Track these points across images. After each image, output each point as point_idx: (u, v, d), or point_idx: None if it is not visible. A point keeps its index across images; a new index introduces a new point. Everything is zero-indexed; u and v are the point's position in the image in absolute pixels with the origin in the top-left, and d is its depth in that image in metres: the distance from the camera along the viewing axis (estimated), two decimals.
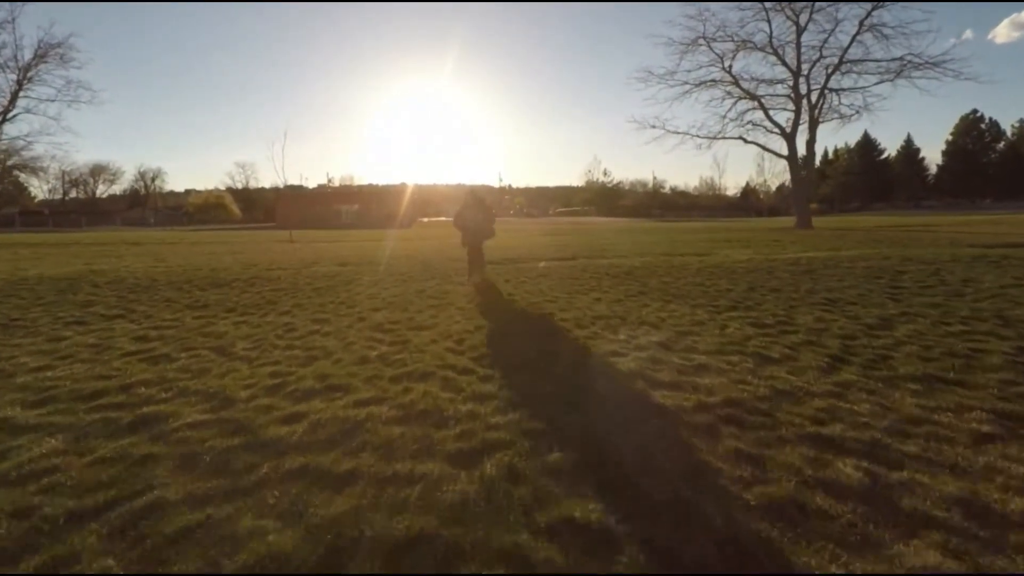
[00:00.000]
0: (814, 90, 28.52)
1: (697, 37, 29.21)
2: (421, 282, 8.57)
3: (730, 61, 29.51)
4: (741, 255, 12.61)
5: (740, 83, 29.54)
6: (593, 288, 7.69)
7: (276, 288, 8.21)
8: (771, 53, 28.77)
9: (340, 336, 4.89)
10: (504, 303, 6.54)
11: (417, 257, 13.05)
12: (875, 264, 10.13)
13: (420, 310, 6.17)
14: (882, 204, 72.05)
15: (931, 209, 63.50)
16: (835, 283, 7.69)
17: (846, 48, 27.34)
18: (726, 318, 5.24)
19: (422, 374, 3.61)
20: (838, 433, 2.42)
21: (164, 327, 5.44)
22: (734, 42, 29.09)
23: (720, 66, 29.65)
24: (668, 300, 6.45)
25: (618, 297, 6.82)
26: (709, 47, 29.46)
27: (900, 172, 76.61)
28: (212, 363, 4.02)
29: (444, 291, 7.55)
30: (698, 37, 29.22)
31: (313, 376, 3.60)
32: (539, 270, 9.93)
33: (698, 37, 29.22)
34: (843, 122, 29.49)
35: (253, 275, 9.79)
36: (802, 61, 28.27)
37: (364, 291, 7.74)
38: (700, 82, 30.06)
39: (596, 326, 5.01)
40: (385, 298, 7.09)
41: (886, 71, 26.77)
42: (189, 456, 2.39)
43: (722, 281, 8.18)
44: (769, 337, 4.40)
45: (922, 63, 26.25)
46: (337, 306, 6.56)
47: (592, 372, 3.52)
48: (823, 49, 27.93)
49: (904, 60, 26.51)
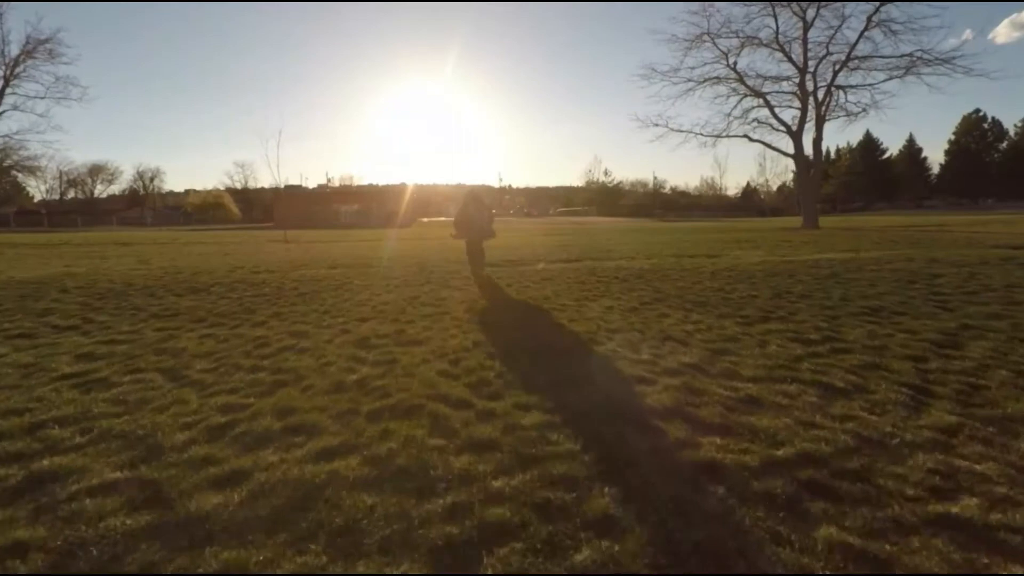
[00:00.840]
0: (821, 87, 27.84)
1: (701, 33, 28.53)
2: (416, 287, 7.89)
3: (735, 58, 28.84)
4: (754, 256, 11.94)
5: (745, 80, 28.87)
6: (603, 294, 7.01)
7: (257, 294, 7.52)
8: (777, 49, 28.09)
9: (317, 353, 4.20)
10: (507, 312, 5.85)
11: (414, 259, 12.36)
12: (901, 267, 9.46)
13: (412, 320, 5.49)
14: (884, 204, 71.37)
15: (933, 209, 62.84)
16: (867, 288, 7.01)
17: (854, 44, 26.65)
18: (761, 332, 4.56)
19: (407, 408, 2.92)
20: (977, 516, 1.74)
21: (118, 342, 4.75)
22: (739, 38, 28.42)
23: (725, 63, 28.97)
24: (689, 309, 5.77)
25: (632, 305, 6.13)
26: (714, 43, 28.78)
27: (902, 172, 75.97)
28: (155, 391, 3.33)
29: (440, 298, 6.86)
30: (702, 33, 28.53)
31: (273, 411, 2.92)
32: (541, 273, 9.25)
33: (702, 33, 28.53)
34: (850, 120, 28.78)
35: (236, 279, 9.10)
36: (809, 58, 27.58)
37: (353, 297, 7.06)
38: (704, 79, 29.37)
39: (614, 342, 4.32)
40: (375, 306, 6.41)
41: (895, 68, 26.10)
42: (69, 549, 1.70)
43: (742, 286, 7.50)
44: (821, 358, 3.71)
45: (932, 59, 25.61)
46: (320, 315, 5.88)
47: (619, 409, 2.83)
48: (830, 45, 27.24)
49: (913, 56, 25.85)
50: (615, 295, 6.90)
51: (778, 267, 9.72)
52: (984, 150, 72.81)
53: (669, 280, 8.24)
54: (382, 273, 9.60)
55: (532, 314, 5.73)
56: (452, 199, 77.49)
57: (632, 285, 7.73)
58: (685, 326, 4.88)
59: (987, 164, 71.05)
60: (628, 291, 7.20)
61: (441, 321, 5.41)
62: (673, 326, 4.88)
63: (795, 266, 9.84)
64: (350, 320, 5.58)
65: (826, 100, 27.76)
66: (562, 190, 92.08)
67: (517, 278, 8.85)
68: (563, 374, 3.44)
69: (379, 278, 8.97)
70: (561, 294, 6.99)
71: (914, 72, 25.83)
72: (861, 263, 10.07)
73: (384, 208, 50.13)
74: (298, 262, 12.04)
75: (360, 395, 3.18)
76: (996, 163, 71.01)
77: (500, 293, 7.28)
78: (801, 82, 27.77)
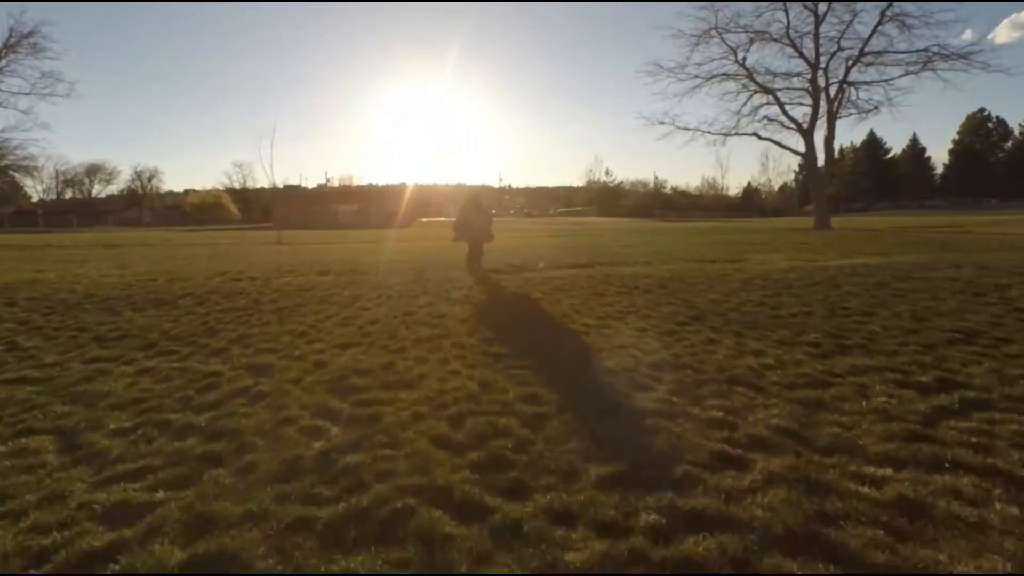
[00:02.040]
0: (833, 84, 26.93)
1: (709, 29, 27.59)
2: (411, 299, 6.89)
3: (744, 53, 27.93)
4: (780, 261, 10.96)
5: (754, 77, 27.93)
6: (628, 309, 6.01)
7: (230, 307, 6.52)
8: (788, 45, 27.18)
9: (277, 401, 3.20)
10: (518, 335, 4.85)
11: (411, 263, 11.36)
12: (953, 274, 8.49)
13: (405, 347, 4.49)
14: (887, 204, 70.46)
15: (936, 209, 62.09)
16: (934, 303, 6.03)
17: (867, 39, 25.74)
18: (850, 369, 3.56)
19: (387, 517, 1.92)
20: None
21: (29, 380, 3.74)
22: (748, 34, 27.48)
23: (733, 59, 28.06)
24: (739, 333, 4.77)
25: (668, 326, 5.14)
26: (721, 39, 27.87)
27: (906, 172, 75.15)
28: (31, 474, 2.33)
29: (439, 314, 5.86)
30: (710, 28, 27.60)
31: (181, 520, 1.92)
32: (551, 281, 8.25)
33: (710, 28, 27.60)
34: (861, 117, 27.91)
35: (212, 287, 8.10)
36: (820, 53, 26.65)
37: (338, 313, 6.06)
38: (712, 76, 28.46)
39: (664, 385, 3.32)
40: (362, 325, 5.41)
41: (911, 63, 25.17)
42: None
43: (785, 298, 6.52)
44: (958, 417, 2.70)
45: (949, 55, 24.69)
46: (295, 339, 4.88)
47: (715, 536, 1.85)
48: (841, 41, 26.31)
49: (929, 52, 24.92)
50: (642, 311, 5.90)
51: (814, 275, 8.73)
52: (988, 150, 72.04)
53: (698, 291, 7.25)
54: (375, 281, 8.60)
55: (549, 339, 4.74)
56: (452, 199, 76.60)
57: (659, 298, 6.74)
58: (746, 359, 3.88)
59: (991, 164, 70.23)
60: (656, 305, 6.21)
61: (439, 348, 4.41)
62: (731, 360, 3.89)
63: (831, 273, 8.86)
64: (329, 346, 4.57)
65: (838, 97, 26.84)
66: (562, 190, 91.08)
67: (524, 287, 7.86)
68: (609, 450, 2.44)
69: (371, 287, 7.97)
70: (580, 309, 5.99)
71: (930, 68, 24.94)
72: (903, 270, 9.10)
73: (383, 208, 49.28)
74: (286, 267, 11.03)
75: (319, 483, 2.18)
76: (1001, 163, 70.19)
77: (508, 308, 6.29)
78: (813, 78, 26.85)
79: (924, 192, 74.06)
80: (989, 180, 68.57)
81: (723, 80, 28.35)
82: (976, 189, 69.09)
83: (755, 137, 28.74)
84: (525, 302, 6.68)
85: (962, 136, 73.44)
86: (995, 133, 72.54)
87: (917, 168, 75.35)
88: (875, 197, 70.55)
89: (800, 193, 78.04)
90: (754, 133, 28.66)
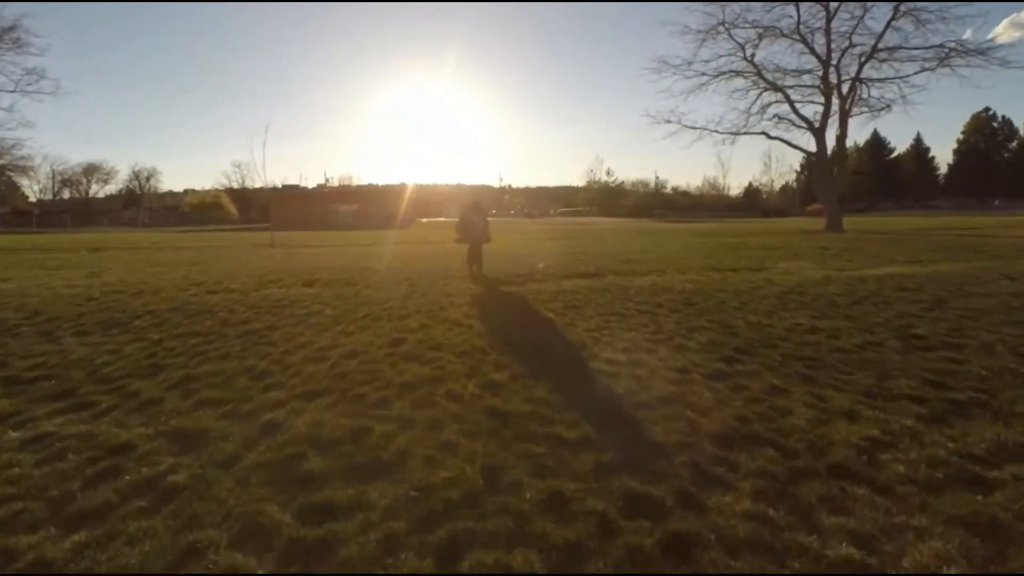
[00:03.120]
0: (845, 81, 25.95)
1: (716, 24, 26.58)
2: (401, 320, 5.92)
3: (752, 50, 26.90)
4: (807, 270, 10.00)
5: (763, 74, 26.94)
6: (658, 336, 5.04)
7: (189, 331, 5.55)
8: (798, 40, 26.16)
9: (187, 510, 2.22)
10: (529, 379, 3.87)
11: (407, 272, 10.38)
12: (1011, 288, 7.56)
13: (387, 397, 3.52)
14: (888, 204, 69.46)
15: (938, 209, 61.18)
16: (1015, 328, 5.08)
17: (880, 34, 24.72)
18: (992, 447, 2.60)
19: None
20: None
21: None
22: (757, 29, 26.46)
23: (741, 55, 27.05)
24: (807, 377, 3.79)
25: (713, 363, 4.16)
26: (729, 35, 26.85)
27: (910, 172, 74.25)
28: None
29: (433, 343, 4.90)
30: (718, 24, 26.59)
31: None
32: (561, 296, 7.28)
33: (718, 24, 26.59)
34: (872, 115, 26.94)
35: (179, 303, 7.12)
36: (832, 49, 25.66)
37: (312, 342, 5.08)
38: (719, 73, 27.46)
39: (744, 480, 2.34)
40: (337, 361, 4.44)
41: (927, 59, 24.19)
42: None
43: (839, 322, 5.56)
44: None
45: (966, 51, 23.74)
46: (251, 382, 3.90)
47: None
48: (853, 36, 25.30)
49: (946, 47, 23.96)
50: (675, 339, 4.93)
51: (854, 288, 7.78)
52: (994, 149, 71.14)
53: (731, 309, 6.29)
54: (364, 296, 7.62)
55: (570, 385, 3.76)
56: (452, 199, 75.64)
57: (688, 318, 5.77)
58: (837, 426, 2.91)
59: (996, 164, 69.34)
60: (689, 331, 5.24)
61: (430, 402, 3.43)
62: (819, 428, 2.91)
63: (874, 286, 7.90)
64: (291, 396, 3.60)
65: (851, 94, 25.87)
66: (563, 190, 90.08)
67: (531, 303, 6.89)
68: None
69: (358, 303, 7.00)
70: (601, 338, 5.01)
71: (947, 64, 23.97)
72: (951, 283, 8.14)
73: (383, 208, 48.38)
74: (271, 275, 10.03)
75: None
76: (1006, 163, 69.30)
77: (514, 334, 5.31)
78: (824, 75, 25.86)
79: (927, 192, 73.16)
80: (994, 180, 67.70)
81: (731, 77, 27.39)
82: (980, 190, 68.22)
83: (764, 136, 27.78)
84: (534, 325, 5.71)
85: (967, 136, 72.57)
86: (1000, 132, 71.68)
87: (921, 168, 74.46)
88: (877, 197, 69.54)
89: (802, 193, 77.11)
90: (763, 132, 27.70)
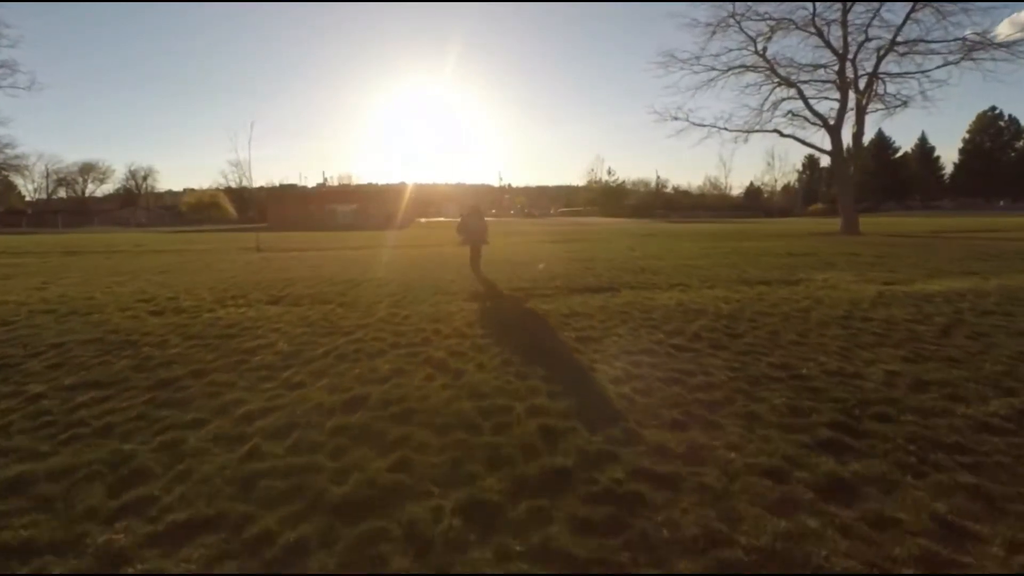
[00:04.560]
0: (862, 76, 24.66)
1: (727, 16, 25.27)
2: (369, 360, 4.61)
3: (764, 43, 25.62)
4: (851, 283, 8.72)
5: (776, 68, 25.64)
6: (712, 395, 3.73)
7: (84, 382, 4.23)
8: (813, 33, 24.86)
9: None
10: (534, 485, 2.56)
11: (393, 284, 9.07)
12: None
13: (304, 535, 2.21)
14: (892, 204, 68.26)
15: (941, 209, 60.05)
16: None
17: (899, 27, 23.44)
18: None
19: None
20: None
21: None
22: (768, 22, 25.15)
23: (753, 49, 25.77)
24: (972, 489, 2.50)
25: (815, 460, 2.86)
26: (740, 28, 25.55)
27: (915, 171, 73.12)
28: None
29: (404, 406, 3.58)
30: (728, 16, 25.28)
31: None
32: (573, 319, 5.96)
33: (728, 16, 25.28)
34: (889, 112, 25.66)
35: (102, 332, 5.83)
36: (849, 42, 24.37)
37: (239, 402, 3.75)
38: (729, 68, 26.19)
39: None
40: (254, 448, 3.12)
41: (950, 52, 22.90)
42: None
43: (943, 367, 4.27)
44: None
45: (990, 44, 22.48)
46: (102, 500, 2.59)
47: None
48: (869, 29, 23.98)
49: (969, 40, 22.68)
50: (737, 401, 3.63)
51: (925, 310, 6.48)
52: (999, 149, 70.06)
53: (790, 346, 4.99)
54: (332, 320, 6.29)
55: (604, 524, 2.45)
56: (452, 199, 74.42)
57: (743, 363, 4.46)
58: None
59: (1002, 163, 68.23)
60: (753, 387, 3.92)
61: (374, 547, 2.12)
62: None
63: (951, 311, 6.54)
64: (147, 535, 2.28)
65: (868, 90, 24.59)
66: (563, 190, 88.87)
67: (538, 329, 5.57)
68: None
69: (322, 331, 5.67)
70: (634, 396, 3.70)
71: (971, 58, 22.69)
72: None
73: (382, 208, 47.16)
74: (236, 289, 8.72)
75: None
76: (1012, 162, 68.18)
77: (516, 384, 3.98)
78: (840, 69, 24.59)
79: (932, 192, 72.06)
80: (1000, 180, 66.61)
81: (742, 72, 26.13)
82: (986, 189, 67.14)
83: (777, 134, 26.50)
84: (541, 371, 4.38)
85: (972, 135, 71.51)
86: (1007, 132, 70.62)
87: (926, 168, 73.38)
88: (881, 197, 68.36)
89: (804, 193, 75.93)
90: (776, 130, 26.46)
